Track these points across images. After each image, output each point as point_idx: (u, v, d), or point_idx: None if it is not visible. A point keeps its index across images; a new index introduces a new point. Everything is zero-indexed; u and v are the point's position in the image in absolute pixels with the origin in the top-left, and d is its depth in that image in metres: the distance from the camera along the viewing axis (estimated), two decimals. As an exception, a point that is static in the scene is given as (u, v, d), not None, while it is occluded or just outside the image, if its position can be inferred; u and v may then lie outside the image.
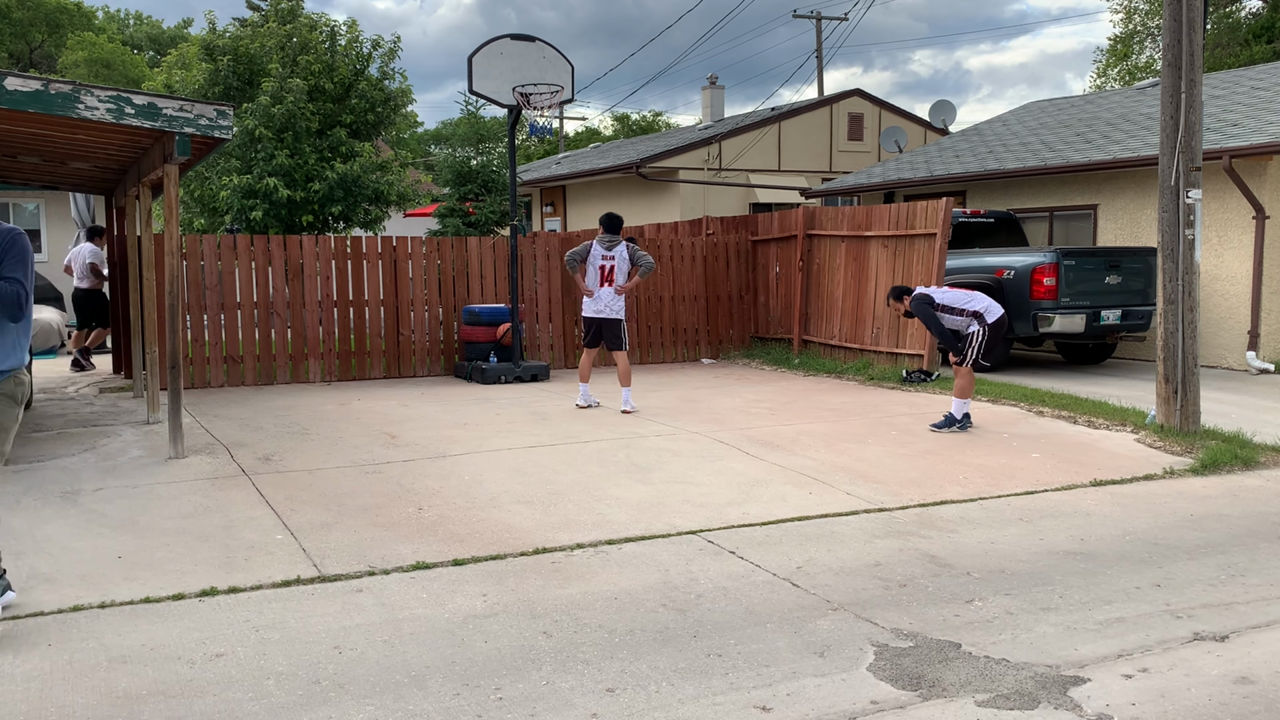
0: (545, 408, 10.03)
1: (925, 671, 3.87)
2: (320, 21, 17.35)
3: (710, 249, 14.65)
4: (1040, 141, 16.69)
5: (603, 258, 10.14)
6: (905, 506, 6.28)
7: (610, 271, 10.13)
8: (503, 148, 22.67)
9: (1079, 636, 4.22)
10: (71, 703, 3.61)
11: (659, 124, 52.61)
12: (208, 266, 11.68)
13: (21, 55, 46.55)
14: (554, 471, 7.18)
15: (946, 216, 11.79)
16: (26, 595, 4.69)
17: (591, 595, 4.69)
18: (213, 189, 16.89)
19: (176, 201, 7.71)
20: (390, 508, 6.22)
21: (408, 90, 17.88)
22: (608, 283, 10.13)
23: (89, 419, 9.37)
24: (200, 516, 6.02)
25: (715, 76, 28.86)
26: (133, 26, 58.17)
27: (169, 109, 7.29)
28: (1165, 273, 8.39)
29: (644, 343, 14.13)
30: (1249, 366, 12.52)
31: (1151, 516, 6.07)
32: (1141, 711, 3.55)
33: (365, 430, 8.73)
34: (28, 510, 6.13)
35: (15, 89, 6.78)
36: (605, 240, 10.19)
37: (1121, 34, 36.45)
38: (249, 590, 4.76)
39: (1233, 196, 12.71)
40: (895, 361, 12.16)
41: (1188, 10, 8.17)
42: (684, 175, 22.63)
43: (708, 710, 3.57)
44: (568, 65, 12.10)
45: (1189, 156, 8.23)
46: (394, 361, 12.53)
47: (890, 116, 24.71)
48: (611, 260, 10.12)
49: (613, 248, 10.13)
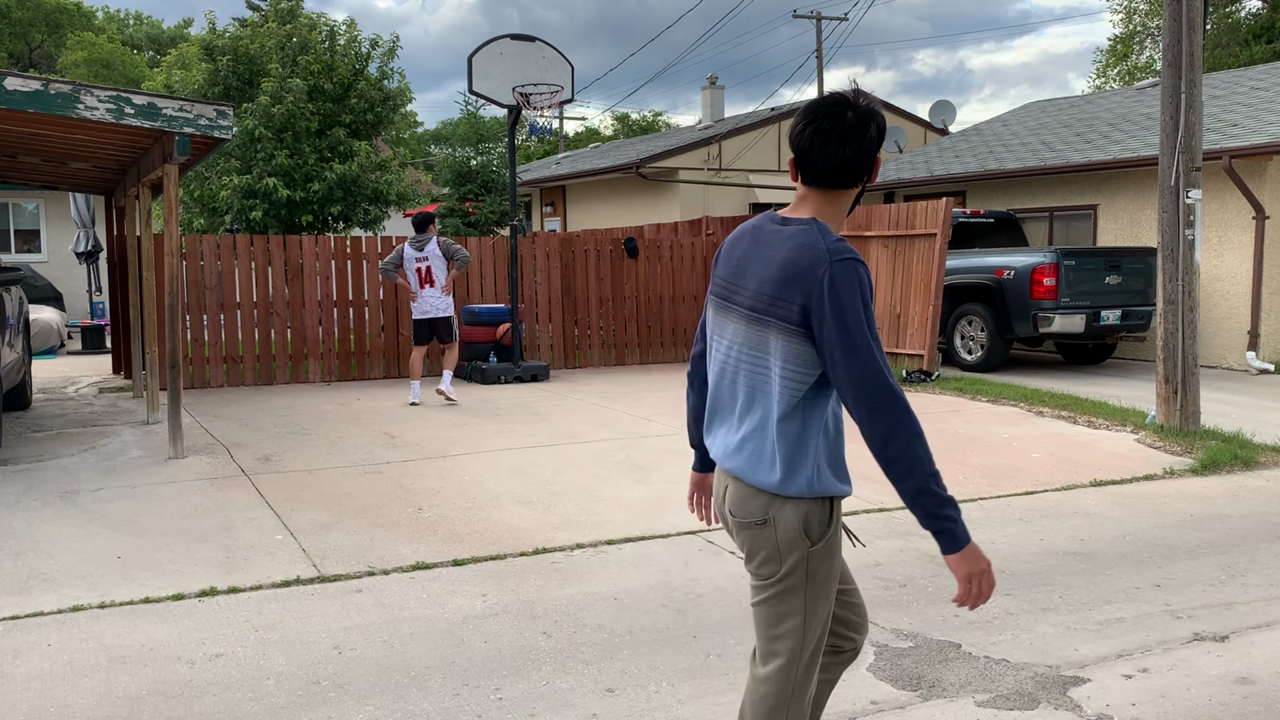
0: (545, 408, 10.03)
1: (925, 671, 3.87)
2: (320, 21, 17.36)
3: (710, 249, 14.65)
4: (1040, 141, 16.69)
5: (416, 260, 10.13)
6: (905, 507, 6.26)
7: (428, 272, 10.12)
8: (502, 148, 22.68)
9: (1079, 636, 4.21)
10: (71, 703, 3.61)
11: (659, 124, 52.61)
12: (207, 266, 11.68)
13: (21, 55, 46.55)
14: (554, 471, 7.18)
15: (946, 216, 11.79)
16: (26, 595, 4.69)
17: (591, 595, 4.69)
18: (213, 189, 16.90)
19: (176, 201, 7.71)
20: (390, 508, 6.21)
21: (407, 90, 17.88)
22: (428, 283, 10.13)
23: (88, 419, 9.37)
24: (200, 517, 6.02)
25: (715, 76, 28.86)
26: (132, 26, 58.17)
27: (169, 109, 7.29)
28: (1165, 273, 8.39)
29: (644, 343, 14.13)
30: (1249, 366, 12.52)
31: (1151, 516, 6.07)
32: (1141, 712, 3.55)
33: (365, 430, 8.73)
34: (28, 510, 6.13)
35: (15, 89, 6.79)
36: (415, 241, 10.17)
37: (1121, 34, 36.45)
38: (249, 590, 4.76)
39: (1233, 196, 12.71)
40: (895, 361, 12.16)
41: (1188, 10, 8.17)
42: (684, 175, 22.62)
43: (708, 710, 3.56)
44: (567, 65, 12.09)
45: (1189, 156, 8.23)
46: (394, 361, 12.53)
47: (890, 116, 24.70)
48: (425, 260, 10.11)
49: (423, 247, 10.12)
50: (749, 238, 2.44)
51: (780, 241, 2.33)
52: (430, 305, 10.15)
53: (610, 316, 13.90)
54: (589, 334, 13.77)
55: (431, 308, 10.16)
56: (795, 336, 2.28)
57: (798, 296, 2.26)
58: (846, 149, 2.32)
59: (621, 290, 13.95)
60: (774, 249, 2.34)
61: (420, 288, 10.14)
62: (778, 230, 2.36)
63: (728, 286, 2.44)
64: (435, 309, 10.17)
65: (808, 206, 2.39)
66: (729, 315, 2.43)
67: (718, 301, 2.47)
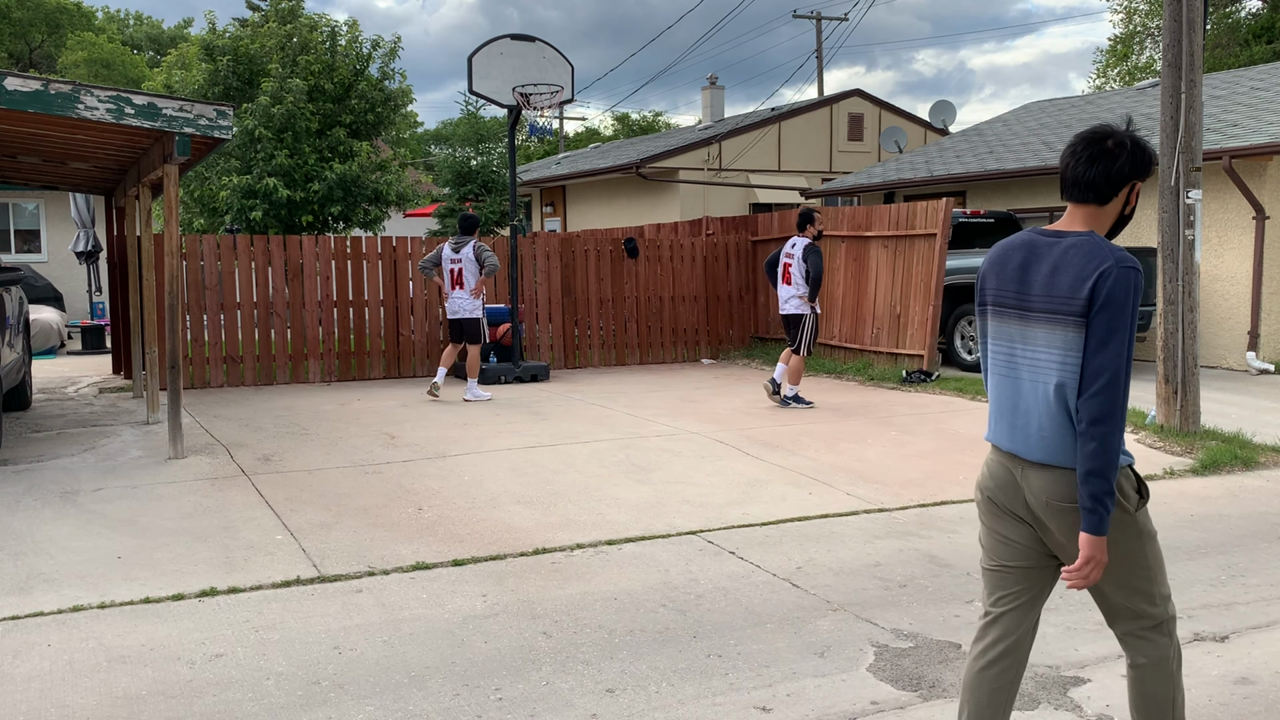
0: (545, 408, 10.03)
1: (925, 672, 3.87)
2: (320, 22, 17.35)
3: (710, 249, 14.65)
4: (1040, 141, 16.69)
5: (450, 261, 10.46)
6: (905, 507, 6.28)
7: (459, 274, 10.44)
8: (503, 148, 22.68)
9: (1079, 636, 4.21)
10: (71, 703, 3.61)
11: (659, 124, 52.59)
12: (208, 267, 11.68)
13: (21, 55, 46.55)
14: (554, 472, 7.18)
15: (946, 217, 11.78)
16: (26, 595, 4.69)
17: (591, 595, 4.69)
18: (212, 189, 16.89)
19: (176, 201, 7.71)
20: (390, 508, 6.21)
21: (408, 90, 17.88)
22: (458, 285, 10.44)
23: (88, 419, 9.37)
24: (200, 517, 6.02)
25: (715, 76, 28.86)
26: (133, 27, 58.16)
27: (169, 109, 7.29)
28: (1165, 273, 8.39)
29: (644, 343, 14.13)
30: (1249, 367, 12.52)
31: (1151, 517, 6.07)
32: (1141, 712, 3.55)
33: (365, 430, 8.73)
34: (28, 510, 6.13)
35: (15, 89, 6.79)
36: (454, 242, 10.50)
37: (1122, 34, 36.44)
38: (249, 590, 4.76)
39: (1233, 196, 12.71)
40: (895, 362, 12.16)
41: (1188, 10, 8.17)
42: (684, 175, 22.63)
43: (708, 710, 3.56)
44: (568, 65, 12.09)
45: (1189, 157, 8.22)
46: (394, 361, 12.53)
47: (890, 117, 24.70)
48: (459, 263, 10.42)
49: (460, 249, 10.44)
50: (1022, 251, 2.76)
51: (1062, 251, 2.66)
52: (458, 306, 10.50)
53: (610, 317, 13.91)
54: (589, 334, 13.77)
55: (459, 309, 10.50)
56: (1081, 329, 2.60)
57: (1085, 293, 2.57)
58: (1094, 170, 2.67)
59: (621, 290, 13.95)
60: (1059, 257, 2.66)
61: (450, 288, 10.50)
62: (1054, 242, 2.70)
63: (1009, 294, 2.77)
64: (462, 310, 10.50)
65: (1077, 221, 2.73)
66: (1009, 318, 2.77)
67: (998, 309, 2.81)
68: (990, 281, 2.82)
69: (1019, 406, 2.74)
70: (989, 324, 2.85)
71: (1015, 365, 2.76)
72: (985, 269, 2.85)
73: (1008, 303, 2.77)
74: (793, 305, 9.99)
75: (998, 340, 2.82)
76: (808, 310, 9.94)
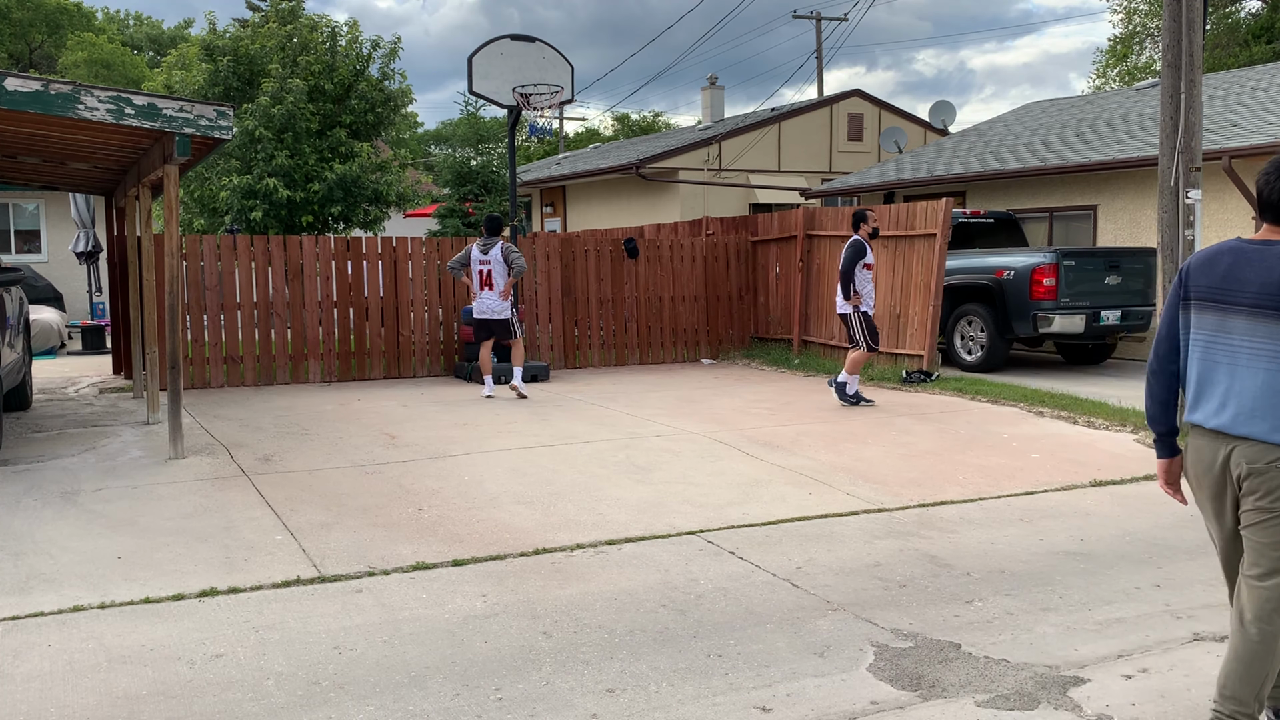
0: (545, 408, 10.03)
1: (925, 672, 3.87)
2: (321, 22, 17.35)
3: (710, 249, 14.65)
4: (1040, 142, 16.70)
5: (479, 262, 10.58)
6: (905, 507, 6.28)
7: (489, 275, 10.55)
8: (503, 148, 22.69)
9: (1079, 637, 4.22)
10: (71, 703, 3.61)
11: (659, 124, 52.60)
12: (208, 267, 11.68)
13: (21, 56, 46.55)
14: (554, 472, 7.18)
15: (946, 217, 11.79)
16: (27, 595, 4.69)
17: (591, 596, 4.69)
18: (213, 189, 16.89)
19: (176, 202, 7.71)
20: (390, 508, 6.22)
21: (408, 90, 17.88)
22: (488, 286, 10.55)
23: (89, 419, 9.37)
24: (200, 517, 6.02)
25: (715, 77, 28.88)
26: (133, 27, 58.18)
27: (169, 109, 7.29)
28: (1165, 273, 8.39)
29: (644, 343, 14.13)
30: (1249, 367, 12.52)
31: (1151, 516, 6.07)
32: (1141, 712, 3.55)
33: (365, 430, 8.73)
34: (28, 510, 6.14)
35: (15, 89, 6.79)
36: (483, 243, 10.59)
37: (1121, 34, 36.44)
38: (249, 591, 4.76)
39: (1233, 196, 12.71)
40: (895, 362, 12.16)
41: (1188, 10, 8.17)
42: (684, 175, 22.63)
43: (708, 710, 3.57)
44: (567, 65, 12.10)
45: (1189, 157, 8.23)
46: (394, 362, 12.54)
47: (890, 117, 24.71)
48: (488, 264, 10.54)
49: (489, 250, 10.54)
50: (1230, 255, 3.13)
51: (1274, 256, 3.04)
52: (487, 306, 10.64)
53: (610, 317, 13.91)
54: (589, 334, 13.78)
55: (489, 309, 10.64)
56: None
57: None
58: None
59: (621, 291, 13.96)
60: (1269, 261, 3.03)
61: (480, 289, 10.61)
62: (1263, 250, 3.07)
63: (1220, 291, 3.13)
64: (492, 310, 10.64)
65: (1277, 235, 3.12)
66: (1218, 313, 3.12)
67: (1205, 304, 3.16)
68: (1199, 279, 3.18)
69: (1231, 388, 3.09)
70: (1192, 316, 3.21)
71: (1229, 351, 3.11)
72: (1192, 269, 3.22)
73: (1218, 298, 3.13)
74: (838, 304, 10.18)
75: (1200, 330, 3.18)
76: (849, 309, 10.02)
